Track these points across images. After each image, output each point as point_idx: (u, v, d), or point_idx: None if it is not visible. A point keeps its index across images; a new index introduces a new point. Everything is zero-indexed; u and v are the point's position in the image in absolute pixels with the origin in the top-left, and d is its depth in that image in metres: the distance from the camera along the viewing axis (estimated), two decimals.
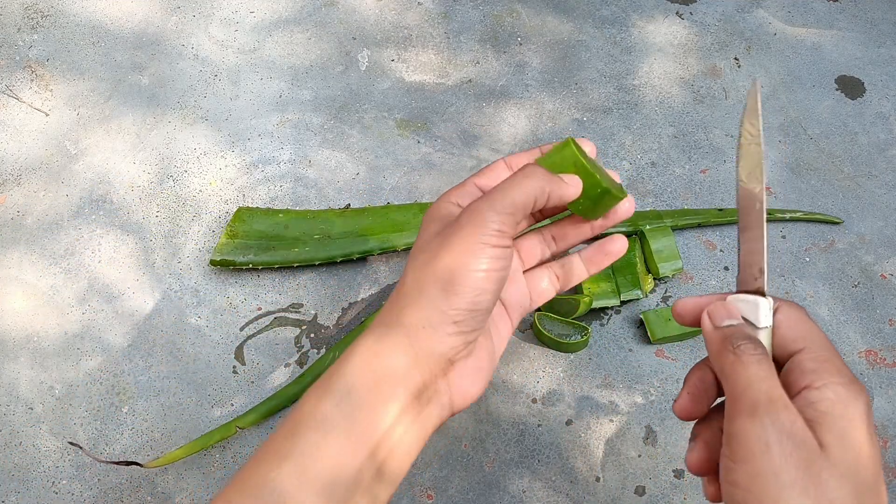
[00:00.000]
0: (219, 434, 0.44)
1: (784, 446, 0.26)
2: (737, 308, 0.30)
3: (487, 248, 0.29)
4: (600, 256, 0.36)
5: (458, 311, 0.29)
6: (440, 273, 0.30)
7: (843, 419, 0.27)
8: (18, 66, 0.61)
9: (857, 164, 0.59)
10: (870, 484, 0.26)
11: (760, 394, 0.27)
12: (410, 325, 0.30)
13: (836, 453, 0.26)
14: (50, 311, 0.50)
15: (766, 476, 0.26)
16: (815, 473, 0.26)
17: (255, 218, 0.52)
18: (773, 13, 0.67)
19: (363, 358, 0.30)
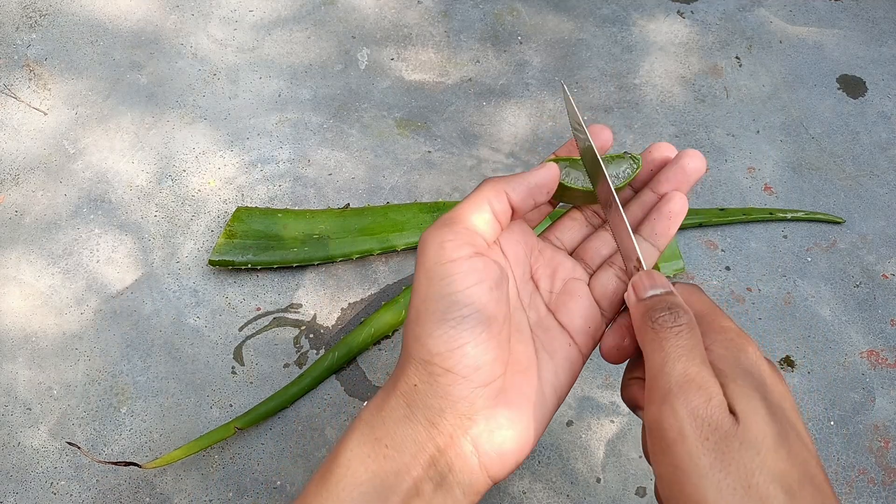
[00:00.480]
0: (218, 435, 0.44)
1: (699, 430, 0.25)
2: (667, 280, 0.28)
3: (438, 267, 0.27)
4: (663, 223, 0.31)
5: (438, 355, 0.26)
6: (411, 318, 0.27)
7: (737, 376, 0.26)
8: (17, 65, 0.60)
9: (858, 163, 0.58)
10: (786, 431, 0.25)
11: (673, 375, 0.25)
12: (404, 386, 0.27)
13: (752, 424, 0.25)
14: (48, 312, 0.50)
15: (685, 466, 0.25)
16: (734, 453, 0.24)
17: (253, 218, 0.52)
18: (775, 12, 0.67)
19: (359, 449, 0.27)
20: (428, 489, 0.27)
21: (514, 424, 0.27)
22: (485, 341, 0.27)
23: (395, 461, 0.27)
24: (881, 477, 0.45)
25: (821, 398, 0.48)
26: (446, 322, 0.26)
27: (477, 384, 0.27)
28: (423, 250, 0.27)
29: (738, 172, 0.57)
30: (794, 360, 0.49)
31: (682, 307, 0.27)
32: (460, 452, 0.27)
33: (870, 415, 0.47)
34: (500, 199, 0.28)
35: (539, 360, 0.29)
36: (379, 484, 0.26)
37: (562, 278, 0.31)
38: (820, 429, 0.47)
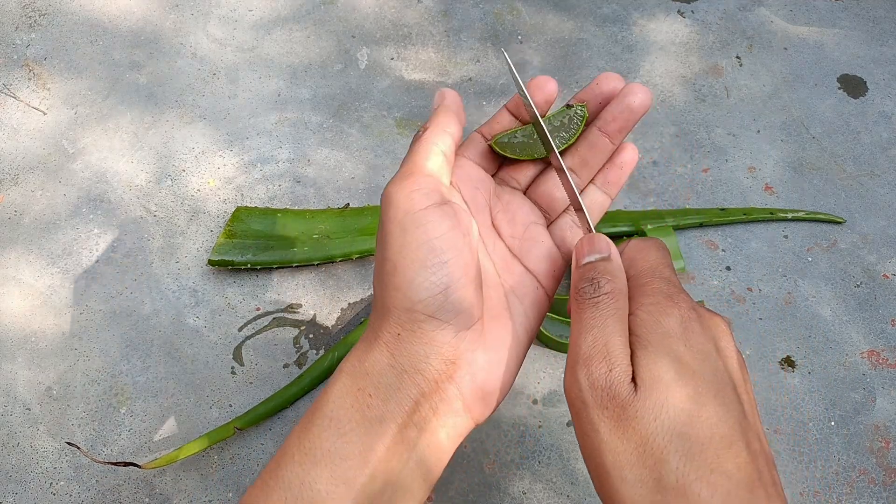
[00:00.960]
0: (217, 435, 0.44)
1: (598, 399, 0.26)
2: (608, 242, 0.29)
3: (410, 216, 0.27)
4: (615, 172, 0.32)
5: (421, 302, 0.27)
6: (388, 271, 0.28)
7: (652, 346, 0.26)
8: (16, 65, 0.60)
9: (859, 163, 0.58)
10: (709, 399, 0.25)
11: (583, 346, 0.27)
12: (387, 336, 0.28)
13: (650, 387, 0.25)
14: (47, 312, 0.49)
15: (589, 433, 0.26)
16: (629, 420, 0.25)
17: (253, 217, 0.52)
18: (775, 11, 0.67)
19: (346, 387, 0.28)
20: (412, 435, 0.27)
21: (493, 366, 0.28)
22: (464, 286, 0.27)
23: (378, 409, 0.27)
24: (882, 477, 0.45)
25: (821, 398, 0.48)
26: (427, 269, 0.27)
27: (459, 328, 0.27)
28: (390, 203, 0.28)
29: (738, 172, 0.57)
30: (795, 360, 0.49)
31: (606, 276, 0.28)
32: (444, 396, 0.27)
33: (870, 415, 0.47)
34: (444, 139, 0.29)
35: (510, 304, 0.30)
36: (363, 432, 0.27)
37: (521, 223, 0.32)
38: (820, 429, 0.47)
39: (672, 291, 0.27)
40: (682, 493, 0.24)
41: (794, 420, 0.47)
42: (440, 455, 0.28)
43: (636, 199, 0.56)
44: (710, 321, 0.28)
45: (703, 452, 0.25)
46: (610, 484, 0.26)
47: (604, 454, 0.26)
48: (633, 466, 0.25)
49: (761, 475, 0.25)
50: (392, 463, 0.27)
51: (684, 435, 0.25)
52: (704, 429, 0.25)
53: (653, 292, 0.27)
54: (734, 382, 0.27)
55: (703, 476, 0.24)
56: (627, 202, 0.55)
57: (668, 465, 0.24)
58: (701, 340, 0.26)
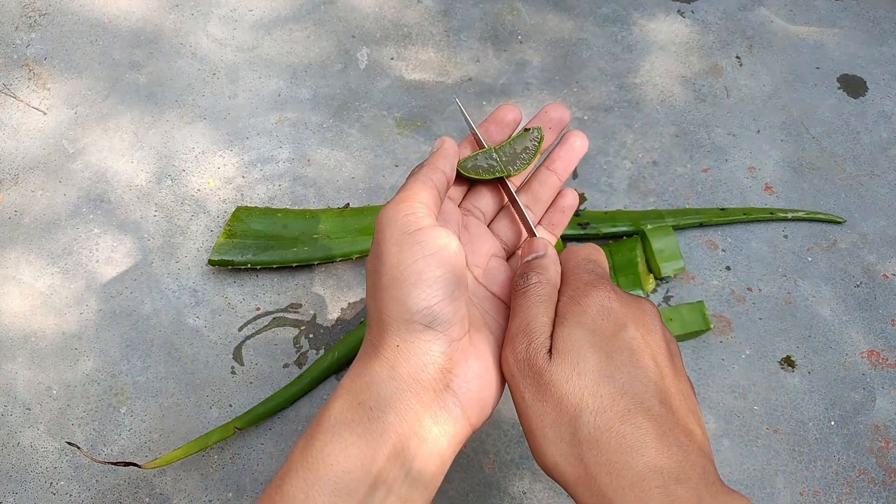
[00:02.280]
0: (217, 435, 0.44)
1: (520, 370, 0.30)
2: (546, 243, 0.34)
3: (408, 235, 0.29)
4: (558, 215, 0.38)
5: (419, 312, 0.29)
6: (386, 286, 0.29)
7: (568, 319, 0.30)
8: (16, 65, 0.60)
9: (859, 163, 0.58)
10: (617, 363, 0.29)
11: (512, 328, 0.31)
12: (386, 349, 0.29)
13: (562, 352, 0.29)
14: (47, 312, 0.49)
15: (518, 401, 0.30)
16: (545, 384, 0.29)
17: (253, 217, 0.52)
18: (775, 11, 0.67)
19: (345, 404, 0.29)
20: (413, 445, 0.28)
21: (485, 372, 0.31)
22: (457, 298, 0.30)
23: (380, 421, 0.28)
24: (882, 477, 0.45)
25: (821, 398, 0.48)
26: (423, 282, 0.29)
27: (453, 338, 0.29)
28: (386, 223, 0.30)
29: (738, 172, 0.57)
30: (795, 360, 0.49)
31: (536, 270, 0.32)
32: (444, 405, 0.29)
33: (870, 415, 0.47)
34: (437, 175, 0.32)
35: (486, 320, 0.33)
36: (365, 445, 0.28)
37: (484, 255, 0.36)
38: (820, 429, 0.47)
39: (593, 279, 0.31)
40: (595, 444, 0.27)
41: (793, 420, 0.47)
42: (442, 464, 0.29)
43: (636, 199, 0.56)
44: (633, 302, 0.31)
45: (613, 407, 0.28)
46: (537, 443, 0.29)
47: (530, 418, 0.29)
48: (553, 425, 0.28)
49: (675, 425, 0.28)
50: (394, 472, 0.27)
51: (595, 394, 0.28)
52: (615, 387, 0.28)
53: (576, 281, 0.32)
54: (654, 353, 0.30)
55: (614, 427, 0.27)
56: (627, 202, 0.55)
57: (581, 420, 0.28)
58: (618, 315, 0.30)
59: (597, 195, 0.56)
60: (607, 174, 0.57)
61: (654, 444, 0.27)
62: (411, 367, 0.29)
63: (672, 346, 0.31)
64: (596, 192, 0.56)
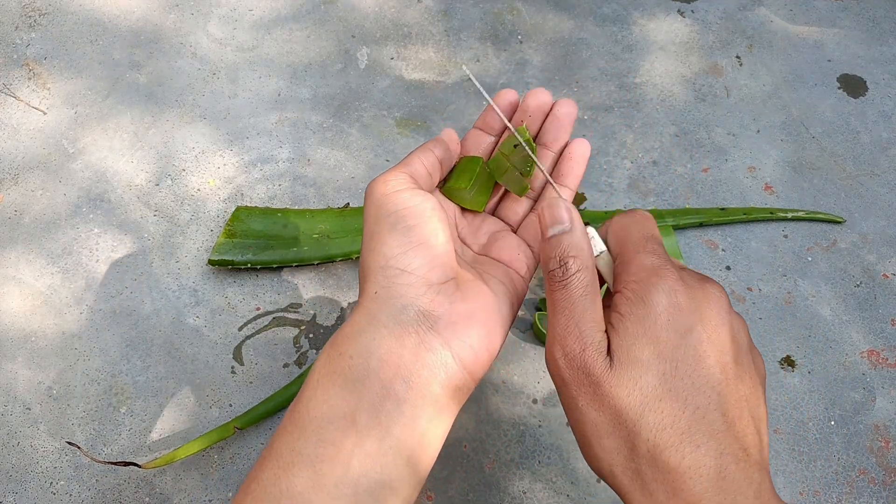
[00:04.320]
0: (217, 434, 0.44)
1: (574, 376, 0.28)
2: (568, 208, 0.30)
3: (385, 197, 0.30)
4: (567, 164, 0.36)
5: (393, 258, 0.29)
6: (366, 242, 0.31)
7: (632, 319, 0.27)
8: (16, 65, 0.60)
9: (859, 163, 0.58)
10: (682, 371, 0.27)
11: (558, 325, 0.28)
12: (365, 298, 0.30)
13: (625, 360, 0.27)
14: (47, 311, 0.49)
15: (569, 406, 0.28)
16: (605, 394, 0.27)
17: (253, 217, 0.52)
18: (775, 11, 0.67)
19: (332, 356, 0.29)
20: (400, 389, 0.27)
21: (474, 314, 0.30)
22: (433, 246, 0.30)
23: (361, 369, 0.28)
24: (882, 477, 0.45)
25: (821, 398, 0.48)
26: (396, 230, 0.30)
27: (433, 281, 0.29)
28: (370, 192, 0.31)
29: (738, 172, 0.57)
30: (795, 360, 0.49)
31: (572, 254, 0.29)
32: (429, 346, 0.28)
33: (870, 415, 0.47)
34: (426, 155, 0.33)
35: (484, 278, 0.32)
36: (347, 394, 0.27)
37: (486, 233, 0.35)
38: (820, 428, 0.47)
39: (657, 266, 0.28)
40: (653, 462, 0.26)
41: (793, 420, 0.47)
42: (437, 409, 0.28)
43: (636, 199, 0.56)
44: (701, 291, 0.28)
45: (675, 424, 0.26)
46: (591, 450, 0.28)
47: (584, 425, 0.28)
48: (610, 436, 0.27)
49: (733, 441, 0.27)
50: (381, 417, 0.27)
51: (657, 409, 0.27)
52: (678, 402, 0.27)
53: (637, 269, 0.28)
54: (720, 355, 0.28)
55: (674, 445, 0.26)
56: (627, 202, 0.55)
57: (641, 436, 0.26)
58: (686, 313, 0.28)
59: (597, 195, 0.56)
60: (607, 174, 0.57)
61: (713, 464, 0.26)
62: (390, 310, 0.28)
63: (740, 336, 0.29)
64: (596, 191, 0.56)
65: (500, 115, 0.35)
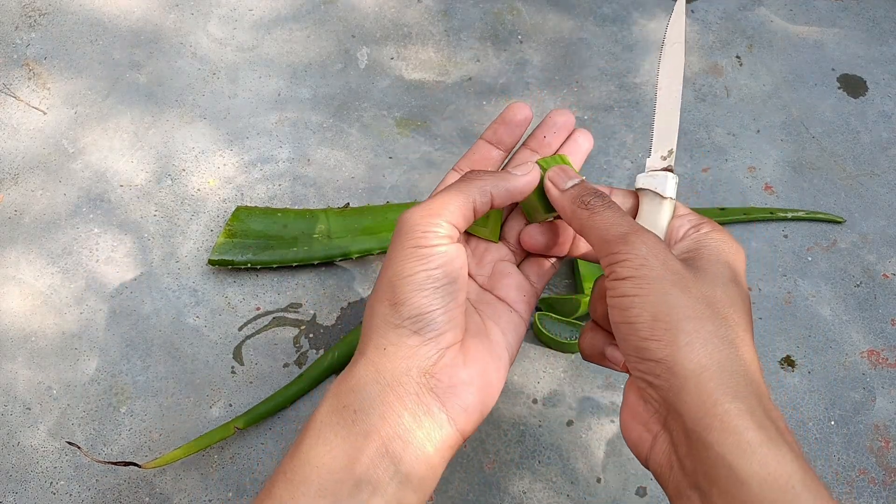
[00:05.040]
0: (217, 434, 0.44)
1: (660, 256, 0.28)
2: (574, 171, 0.33)
3: (418, 250, 0.29)
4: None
5: (410, 319, 0.29)
6: (384, 289, 0.30)
7: (717, 248, 0.30)
8: (16, 65, 0.60)
9: (859, 163, 0.58)
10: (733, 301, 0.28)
11: (623, 226, 0.29)
12: (373, 351, 0.30)
13: (706, 268, 0.29)
14: (47, 311, 0.49)
15: (649, 288, 0.28)
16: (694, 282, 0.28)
17: (253, 217, 0.52)
18: (775, 11, 0.67)
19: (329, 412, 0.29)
20: (398, 447, 0.28)
21: (473, 380, 0.30)
22: (451, 309, 0.30)
23: (363, 424, 0.28)
24: (882, 477, 0.45)
25: (821, 398, 0.48)
26: (421, 293, 0.29)
27: (441, 346, 0.30)
28: (405, 232, 0.30)
29: (738, 172, 0.57)
30: (795, 360, 0.49)
31: (603, 193, 0.31)
32: (428, 409, 0.29)
33: (870, 414, 0.47)
34: (484, 199, 0.31)
35: (486, 326, 0.32)
36: (348, 446, 0.28)
37: (489, 262, 0.35)
38: (820, 428, 0.47)
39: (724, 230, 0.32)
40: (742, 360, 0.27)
41: (793, 419, 0.47)
42: (429, 468, 0.29)
43: None
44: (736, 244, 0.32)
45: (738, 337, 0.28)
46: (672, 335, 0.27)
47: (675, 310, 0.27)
48: (706, 320, 0.27)
49: None
50: (378, 474, 0.28)
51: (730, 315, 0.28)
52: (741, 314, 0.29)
53: (718, 229, 0.31)
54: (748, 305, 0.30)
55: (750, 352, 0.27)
56: None
57: (731, 327, 0.27)
58: (739, 263, 0.30)
59: None
60: (607, 174, 0.57)
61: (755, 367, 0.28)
62: (395, 369, 0.29)
63: None
64: None
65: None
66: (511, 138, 0.36)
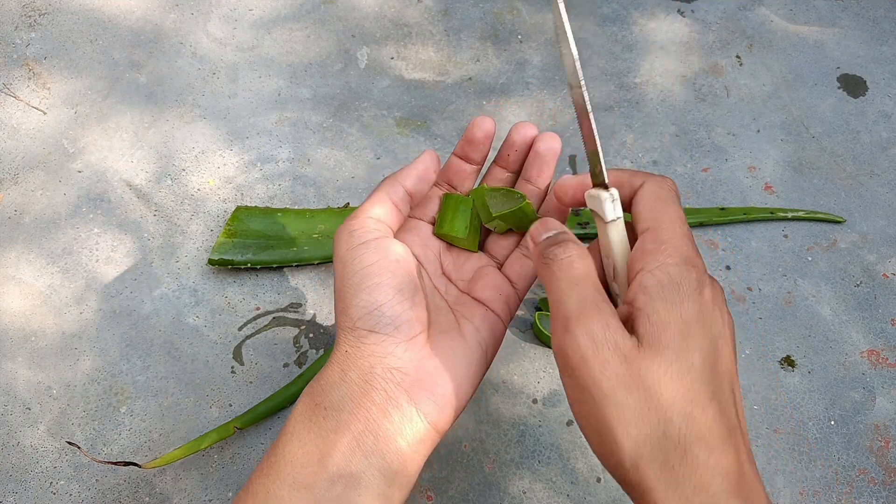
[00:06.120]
0: (217, 434, 0.44)
1: (599, 355, 0.26)
2: (559, 224, 0.31)
3: (351, 252, 0.31)
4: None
5: (360, 319, 0.30)
6: (336, 299, 0.31)
7: (664, 303, 0.26)
8: (16, 65, 0.60)
9: (859, 162, 0.58)
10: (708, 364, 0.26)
11: (570, 304, 0.27)
12: (338, 355, 0.31)
13: (657, 343, 0.25)
14: (47, 311, 0.49)
15: (589, 388, 0.26)
16: (635, 374, 0.25)
17: (253, 217, 0.52)
18: (775, 11, 0.67)
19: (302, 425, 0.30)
20: (369, 442, 0.29)
21: (442, 372, 0.30)
22: (399, 303, 0.30)
23: (334, 420, 0.29)
24: (882, 477, 0.45)
25: (821, 398, 0.48)
26: (362, 290, 0.30)
27: (399, 340, 0.30)
28: (336, 243, 0.32)
29: (738, 172, 0.57)
30: (795, 360, 0.49)
31: (571, 241, 0.29)
32: (396, 403, 0.29)
33: (870, 414, 0.47)
34: (395, 189, 0.33)
35: (460, 323, 0.33)
36: (321, 442, 0.29)
37: (470, 269, 0.36)
38: (820, 428, 0.47)
39: (691, 255, 0.27)
40: (684, 453, 0.25)
41: (793, 419, 0.47)
42: (402, 462, 0.29)
43: None
44: (717, 287, 0.29)
45: (703, 416, 0.25)
46: (614, 438, 0.25)
47: (606, 408, 0.25)
48: (639, 421, 0.25)
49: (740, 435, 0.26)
50: (352, 467, 0.28)
51: (689, 399, 0.25)
52: (707, 390, 0.26)
53: (674, 252, 0.27)
54: (730, 342, 0.28)
55: (703, 439, 0.25)
56: None
57: (673, 423, 0.25)
58: (711, 311, 0.27)
59: None
60: None
61: (735, 463, 0.25)
62: (359, 368, 0.30)
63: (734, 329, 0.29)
64: None
65: None
66: (478, 154, 0.36)
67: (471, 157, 0.36)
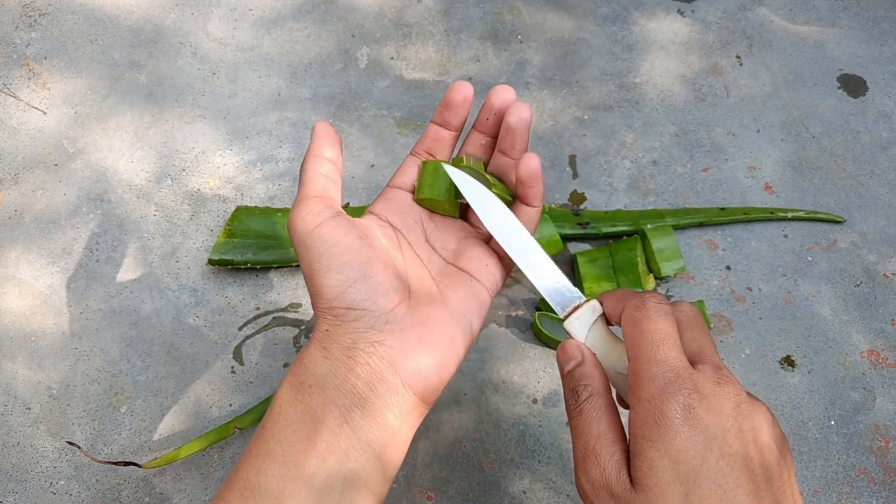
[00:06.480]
0: (217, 434, 0.44)
1: (599, 497, 0.28)
2: (577, 345, 0.32)
3: (307, 237, 0.31)
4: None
5: (336, 298, 0.30)
6: (307, 283, 0.31)
7: (648, 442, 0.27)
8: (16, 65, 0.60)
9: (859, 162, 0.58)
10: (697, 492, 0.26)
11: (578, 449, 0.29)
12: (319, 334, 0.31)
13: (643, 486, 0.27)
14: (47, 311, 0.49)
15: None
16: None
17: (253, 217, 0.52)
18: (775, 11, 0.67)
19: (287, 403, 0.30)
20: (356, 417, 0.29)
21: (426, 342, 0.30)
22: (372, 276, 0.30)
23: (319, 396, 0.29)
24: (882, 477, 0.45)
25: (821, 398, 0.48)
26: (331, 271, 0.30)
27: (378, 313, 0.30)
28: (291, 230, 0.31)
29: (738, 172, 0.57)
30: (795, 360, 0.49)
31: (583, 381, 0.31)
32: (381, 376, 0.29)
33: (870, 414, 0.47)
34: (319, 163, 0.33)
35: (444, 294, 0.33)
36: (308, 419, 0.29)
37: (454, 238, 0.36)
38: (820, 428, 0.47)
39: (669, 377, 0.28)
40: None
41: (793, 419, 0.47)
42: (390, 435, 0.30)
43: (636, 199, 0.56)
44: (716, 400, 0.28)
45: None
46: None
47: None
48: None
49: None
50: (341, 443, 0.29)
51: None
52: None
53: (648, 384, 0.28)
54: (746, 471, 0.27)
55: None
56: (627, 202, 0.55)
57: None
58: (707, 427, 0.27)
59: (597, 195, 0.56)
60: (607, 174, 0.57)
61: None
62: (342, 346, 0.30)
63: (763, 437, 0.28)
64: (596, 191, 0.56)
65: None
66: (457, 119, 0.36)
67: (449, 123, 0.36)
